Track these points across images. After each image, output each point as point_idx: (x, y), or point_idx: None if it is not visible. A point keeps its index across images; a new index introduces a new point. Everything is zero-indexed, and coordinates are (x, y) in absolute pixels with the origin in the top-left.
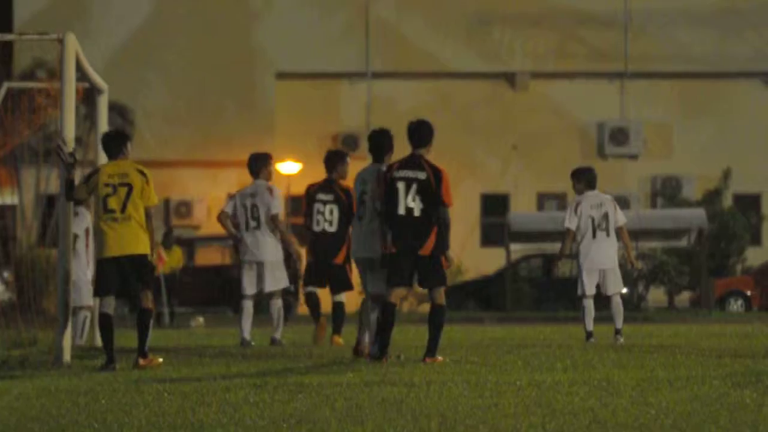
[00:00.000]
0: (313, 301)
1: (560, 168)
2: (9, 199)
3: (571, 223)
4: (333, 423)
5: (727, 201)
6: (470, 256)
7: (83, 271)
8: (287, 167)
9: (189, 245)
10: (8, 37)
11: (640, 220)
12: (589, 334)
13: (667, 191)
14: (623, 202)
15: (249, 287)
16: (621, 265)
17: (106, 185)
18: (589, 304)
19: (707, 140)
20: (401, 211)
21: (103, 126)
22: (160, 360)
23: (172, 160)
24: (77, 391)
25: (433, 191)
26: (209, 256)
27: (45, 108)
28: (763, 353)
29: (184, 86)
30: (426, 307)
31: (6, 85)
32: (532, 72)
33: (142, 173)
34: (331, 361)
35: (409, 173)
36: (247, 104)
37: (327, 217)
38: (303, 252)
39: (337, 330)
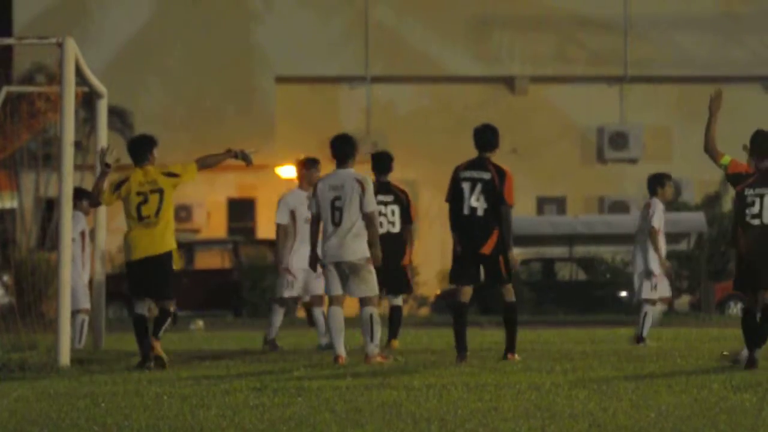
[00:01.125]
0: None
1: (560, 172)
2: (8, 203)
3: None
4: (332, 426)
5: (727, 205)
6: None
7: (79, 274)
8: (287, 171)
9: (189, 249)
10: (8, 41)
11: None
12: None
13: None
14: (623, 207)
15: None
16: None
17: (138, 194)
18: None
19: None
20: (466, 210)
21: (103, 130)
22: (163, 355)
23: (171, 164)
24: (77, 394)
25: (496, 191)
26: (209, 260)
27: (44, 112)
28: (764, 357)
29: (184, 90)
30: (424, 311)
31: (5, 89)
32: (532, 76)
33: (168, 174)
34: (330, 364)
35: (474, 174)
36: (247, 108)
37: (390, 218)
38: None
39: (394, 334)
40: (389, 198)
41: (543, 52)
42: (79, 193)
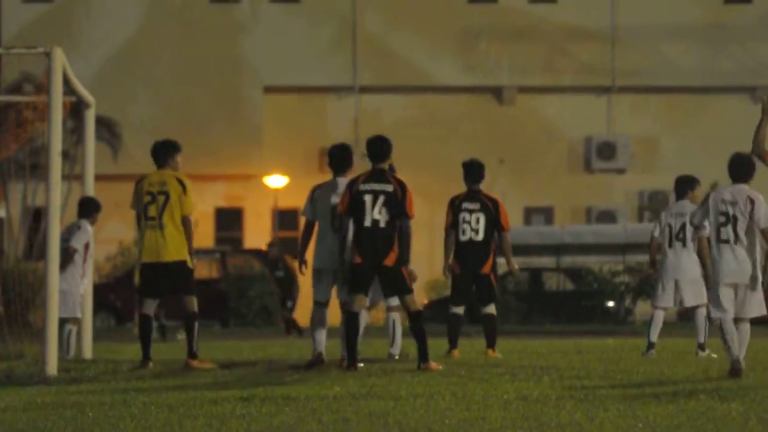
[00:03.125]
0: (458, 323)
1: (547, 182)
2: None
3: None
4: None
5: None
6: None
7: (76, 283)
8: (275, 181)
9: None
10: None
11: (627, 233)
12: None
13: (654, 205)
14: (610, 216)
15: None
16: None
17: (147, 193)
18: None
19: (694, 154)
20: (367, 222)
21: (90, 140)
22: (212, 364)
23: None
24: (64, 404)
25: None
26: (196, 270)
27: (32, 122)
28: (749, 367)
29: (172, 100)
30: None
31: None
32: (519, 86)
33: (180, 182)
34: (317, 374)
35: (376, 186)
36: (235, 118)
37: (473, 226)
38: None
39: (491, 343)
40: (476, 206)
41: (531, 63)
42: (95, 205)
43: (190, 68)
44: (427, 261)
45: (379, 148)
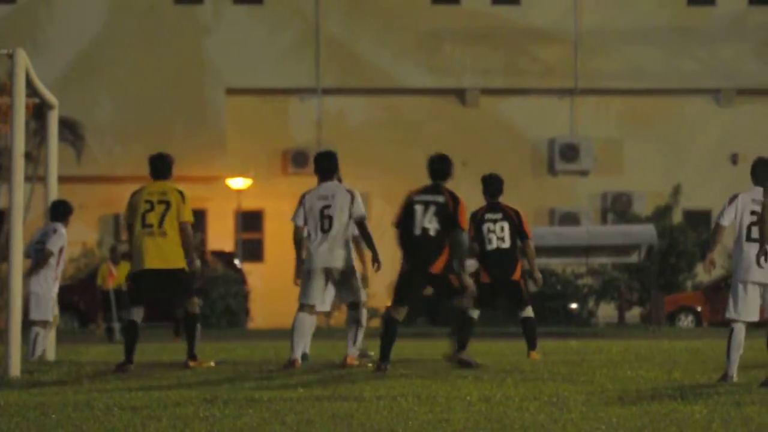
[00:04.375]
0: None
1: (510, 184)
2: None
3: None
4: None
5: (677, 217)
6: None
7: (49, 286)
8: (238, 183)
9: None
10: None
11: (590, 236)
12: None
13: (618, 207)
14: (573, 219)
15: None
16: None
17: (146, 201)
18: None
19: (657, 156)
20: (417, 231)
21: (53, 141)
22: (211, 363)
23: (121, 176)
24: (27, 405)
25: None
26: None
27: None
28: (712, 369)
29: (134, 102)
30: (374, 323)
31: None
32: (483, 88)
33: (179, 192)
34: (281, 375)
35: (428, 197)
36: (197, 120)
37: (499, 234)
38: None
39: (533, 346)
40: (498, 216)
41: (494, 65)
42: (68, 208)
43: (153, 70)
44: (390, 263)
45: (439, 165)
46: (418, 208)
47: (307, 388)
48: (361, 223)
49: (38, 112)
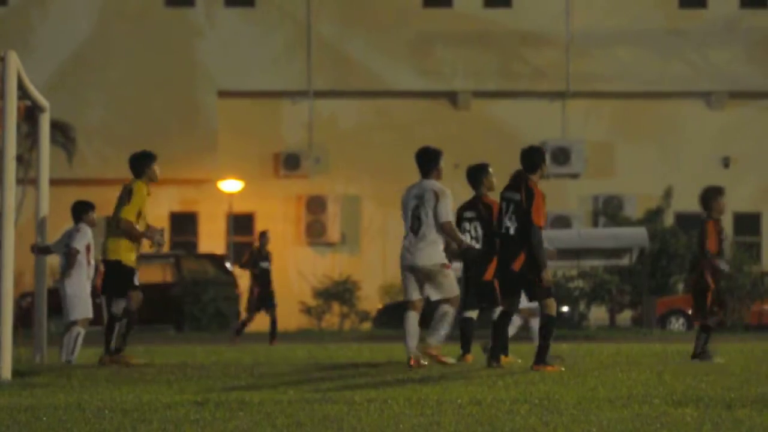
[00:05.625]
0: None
1: (502, 187)
2: None
3: None
4: None
5: (669, 220)
6: None
7: (83, 285)
8: (229, 185)
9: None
10: None
11: (581, 238)
12: None
13: (609, 210)
14: (564, 221)
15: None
16: None
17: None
18: None
19: (648, 159)
20: (502, 229)
21: (45, 144)
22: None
23: (113, 179)
24: (17, 407)
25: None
26: (150, 274)
27: None
28: (703, 372)
29: (126, 104)
30: (366, 326)
31: None
32: (474, 91)
33: (127, 188)
34: (271, 378)
35: (509, 194)
36: (189, 122)
37: (473, 234)
38: None
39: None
40: (473, 214)
41: (485, 68)
42: (85, 206)
43: (144, 72)
44: (382, 265)
45: (530, 157)
46: (503, 206)
47: (297, 391)
48: (442, 226)
49: (30, 114)
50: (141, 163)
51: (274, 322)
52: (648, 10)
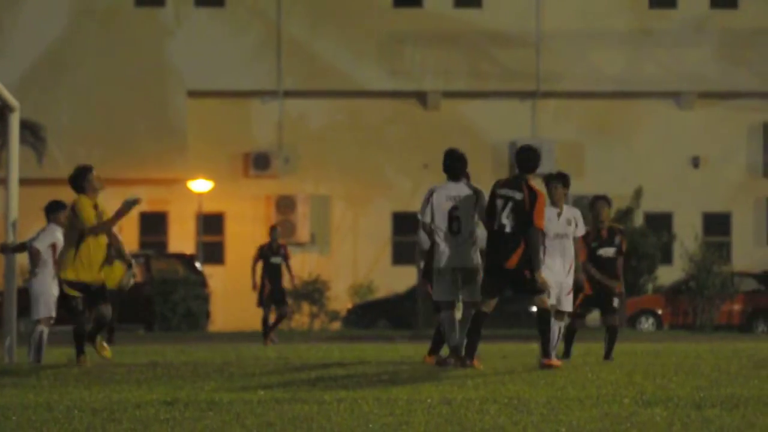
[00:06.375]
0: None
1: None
2: None
3: None
4: None
5: (639, 220)
6: (381, 275)
7: (47, 283)
8: (199, 185)
9: None
10: None
11: None
12: None
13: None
14: None
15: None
16: None
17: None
18: None
19: (619, 159)
20: (496, 226)
21: (15, 144)
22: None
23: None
24: None
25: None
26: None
27: None
28: (673, 372)
29: (96, 104)
30: (335, 325)
31: None
32: (444, 91)
33: (73, 208)
34: (241, 378)
35: (509, 192)
36: (159, 122)
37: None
38: None
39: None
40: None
41: (455, 68)
42: (56, 206)
43: (114, 72)
44: (351, 265)
45: (527, 158)
46: (499, 203)
47: (267, 391)
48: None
49: None
50: (79, 180)
51: (279, 320)
52: (618, 10)
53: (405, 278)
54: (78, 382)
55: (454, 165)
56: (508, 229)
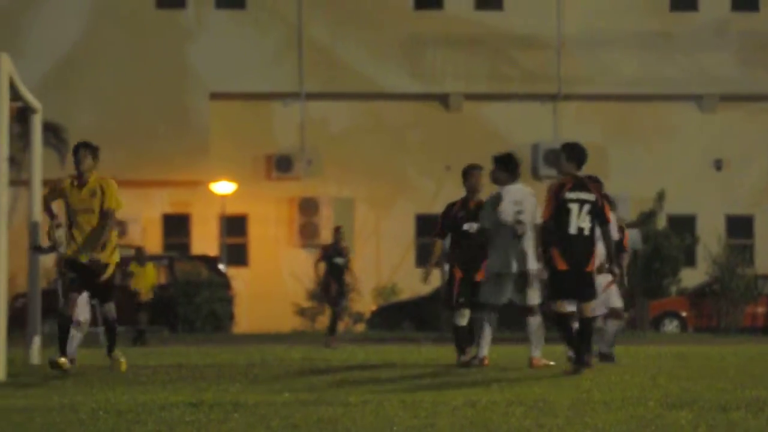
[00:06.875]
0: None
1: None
2: None
3: None
4: None
5: (662, 222)
6: (405, 277)
7: None
8: (222, 187)
9: (124, 264)
10: None
11: None
12: None
13: None
14: None
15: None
16: None
17: None
18: None
19: (641, 162)
20: (573, 230)
21: (37, 145)
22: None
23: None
24: (12, 408)
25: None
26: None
27: None
28: (698, 374)
29: (117, 106)
30: (360, 327)
31: None
32: (466, 93)
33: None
34: (266, 380)
35: (582, 195)
36: (181, 124)
37: None
38: None
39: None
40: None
41: (477, 70)
42: None
43: (135, 74)
44: (375, 267)
45: (581, 153)
46: (574, 207)
47: (292, 393)
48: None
49: (22, 116)
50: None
51: (336, 320)
52: (639, 13)
53: (429, 280)
54: (103, 383)
55: (511, 166)
56: (587, 232)
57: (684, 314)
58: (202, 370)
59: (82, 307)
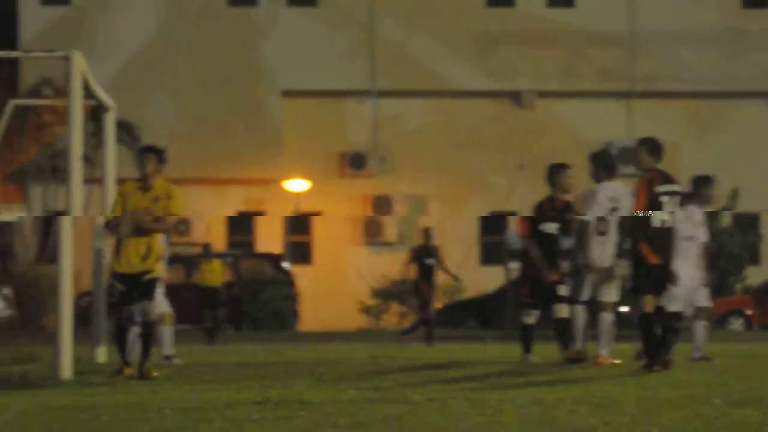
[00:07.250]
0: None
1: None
2: (7, 216)
3: None
4: None
5: (726, 220)
6: (470, 274)
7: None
8: (295, 185)
9: (188, 263)
10: (14, 54)
11: None
12: None
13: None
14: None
15: None
16: None
17: None
18: None
19: (713, 160)
20: (661, 223)
21: (111, 143)
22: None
23: (177, 178)
24: (78, 406)
25: None
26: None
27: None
28: (763, 372)
29: (190, 104)
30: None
31: (12, 102)
32: (539, 91)
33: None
34: (331, 378)
35: (673, 187)
36: (254, 122)
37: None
38: None
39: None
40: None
41: (550, 67)
42: None
43: (208, 72)
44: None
45: (660, 147)
46: (666, 200)
47: (358, 391)
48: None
49: (95, 114)
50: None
51: (428, 321)
52: (711, 11)
53: (493, 278)
54: (169, 381)
55: (608, 163)
56: (670, 224)
57: (749, 312)
58: (267, 368)
59: (160, 299)
